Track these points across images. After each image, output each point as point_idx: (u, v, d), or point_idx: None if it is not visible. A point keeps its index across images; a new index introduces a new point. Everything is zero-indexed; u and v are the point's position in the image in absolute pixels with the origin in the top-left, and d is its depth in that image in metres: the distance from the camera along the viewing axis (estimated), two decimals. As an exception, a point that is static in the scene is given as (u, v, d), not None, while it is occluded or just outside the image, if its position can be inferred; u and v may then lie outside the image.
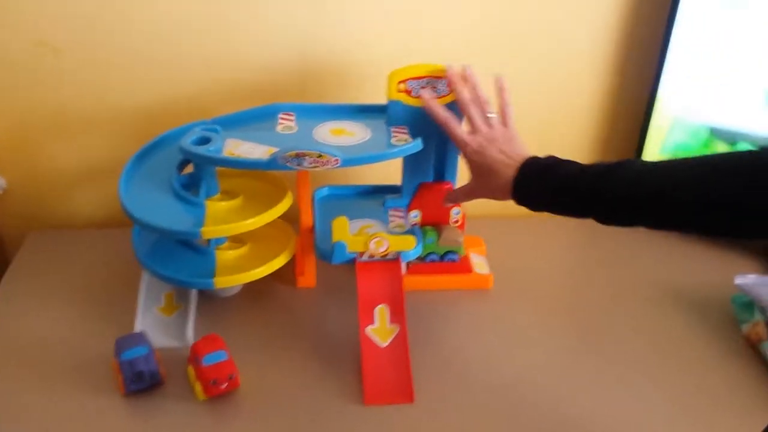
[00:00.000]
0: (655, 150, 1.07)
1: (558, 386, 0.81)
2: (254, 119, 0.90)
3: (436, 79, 0.86)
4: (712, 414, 0.78)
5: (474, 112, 0.81)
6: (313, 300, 0.94)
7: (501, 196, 0.75)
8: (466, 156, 0.79)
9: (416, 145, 0.85)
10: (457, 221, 0.95)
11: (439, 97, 0.86)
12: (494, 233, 1.06)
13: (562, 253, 1.11)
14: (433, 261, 0.96)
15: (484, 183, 0.77)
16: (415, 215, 0.94)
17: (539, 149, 0.76)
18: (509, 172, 0.73)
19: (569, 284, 1.02)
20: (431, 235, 0.94)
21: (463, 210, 0.94)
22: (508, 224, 1.12)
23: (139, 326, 0.86)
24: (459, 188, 0.85)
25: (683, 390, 0.81)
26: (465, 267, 0.97)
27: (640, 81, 1.09)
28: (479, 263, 1.02)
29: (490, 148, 0.76)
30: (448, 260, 0.96)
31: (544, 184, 0.71)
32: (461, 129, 0.81)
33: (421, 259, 0.96)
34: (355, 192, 1.01)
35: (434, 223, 0.95)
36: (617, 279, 1.02)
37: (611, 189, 0.65)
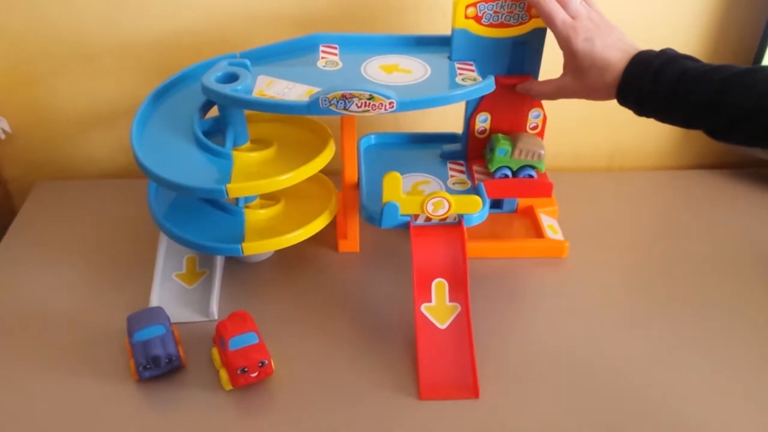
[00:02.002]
0: None
1: (650, 377, 0.71)
2: (291, 53, 0.80)
3: (514, 1, 0.73)
4: None
5: None
6: (357, 268, 0.85)
7: (601, 95, 0.69)
8: (572, 47, 0.69)
9: (488, 84, 0.73)
10: (536, 126, 0.82)
11: (518, 24, 0.74)
12: (566, 191, 0.94)
13: (649, 213, 0.98)
14: (505, 177, 0.81)
15: (584, 78, 0.69)
16: (483, 119, 0.81)
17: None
18: (619, 65, 0.66)
19: (660, 250, 0.89)
20: (504, 145, 0.79)
21: (545, 114, 0.81)
22: (583, 179, 1.01)
23: (155, 297, 0.77)
24: (545, 81, 0.75)
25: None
26: (543, 189, 0.81)
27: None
28: (551, 226, 0.89)
29: (599, 36, 0.68)
30: (525, 176, 0.81)
31: (661, 80, 0.64)
32: (564, 14, 0.70)
33: (489, 174, 0.82)
34: (407, 140, 0.90)
35: (507, 130, 0.82)
36: (717, 244, 0.89)
37: (746, 92, 0.59)
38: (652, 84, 0.64)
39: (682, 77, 0.63)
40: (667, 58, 0.64)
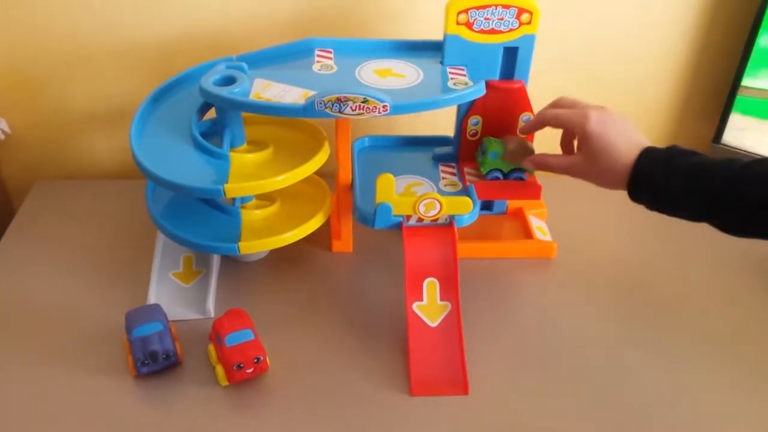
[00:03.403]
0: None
1: (638, 376, 0.72)
2: (287, 56, 0.81)
3: (504, 8, 0.73)
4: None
5: (574, 100, 0.73)
6: (350, 267, 0.86)
7: (611, 182, 0.67)
8: (586, 128, 0.68)
9: (479, 89, 0.74)
10: None
11: (508, 31, 0.75)
12: (556, 194, 0.94)
13: (637, 215, 0.97)
14: (496, 179, 0.82)
15: (596, 162, 0.68)
16: (475, 122, 0.82)
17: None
18: (630, 156, 0.65)
19: (648, 251, 0.90)
20: (495, 148, 0.80)
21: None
22: (571, 181, 0.98)
23: (153, 295, 0.78)
24: (559, 156, 0.74)
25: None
26: (533, 191, 0.82)
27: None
28: (540, 228, 0.90)
29: (611, 122, 0.67)
30: (515, 178, 0.82)
31: (674, 171, 0.63)
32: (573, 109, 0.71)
33: (481, 177, 0.83)
34: (400, 143, 0.91)
35: (498, 133, 0.82)
36: (707, 246, 0.90)
37: (761, 181, 0.58)
38: (664, 176, 0.63)
39: (695, 168, 0.62)
40: (677, 152, 0.64)
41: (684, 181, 0.62)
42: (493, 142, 0.80)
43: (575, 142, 0.71)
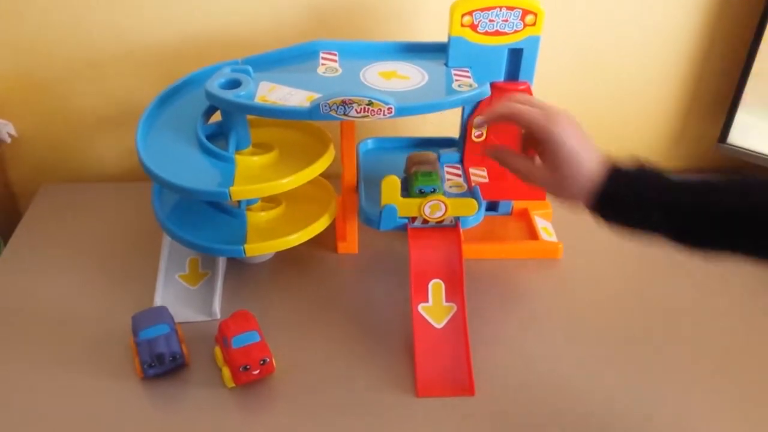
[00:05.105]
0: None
1: (642, 375, 0.71)
2: (292, 59, 0.81)
3: (509, 10, 0.73)
4: None
5: (530, 99, 0.66)
6: (355, 269, 0.86)
7: (572, 193, 0.61)
8: (555, 136, 0.60)
9: (483, 91, 0.74)
10: None
11: (513, 32, 0.75)
12: None
13: None
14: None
15: (559, 170, 0.61)
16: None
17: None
18: (592, 166, 0.60)
19: (653, 251, 0.88)
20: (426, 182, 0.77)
21: None
22: None
23: (159, 297, 0.78)
24: (519, 156, 0.66)
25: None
26: (538, 192, 0.76)
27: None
28: (545, 228, 0.90)
29: (578, 131, 0.61)
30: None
31: (642, 182, 0.59)
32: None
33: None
34: (404, 145, 0.91)
35: (503, 135, 0.79)
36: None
37: (730, 192, 0.56)
38: (628, 194, 0.59)
39: (661, 181, 0.59)
40: (642, 162, 0.61)
41: (654, 192, 0.58)
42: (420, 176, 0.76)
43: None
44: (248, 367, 0.66)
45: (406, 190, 0.76)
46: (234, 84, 0.74)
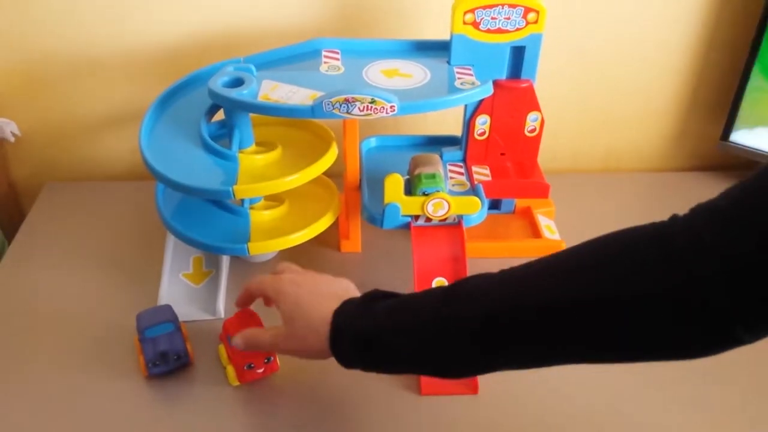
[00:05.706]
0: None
1: (644, 373, 0.71)
2: (294, 58, 0.81)
3: (511, 8, 0.73)
4: None
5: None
6: (358, 267, 0.86)
7: (314, 346, 0.59)
8: (280, 292, 0.62)
9: (486, 89, 0.74)
10: (534, 129, 0.82)
11: (515, 30, 0.75)
12: (564, 192, 0.94)
13: (644, 213, 0.96)
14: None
15: (293, 325, 0.60)
16: (483, 122, 0.82)
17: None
18: (329, 309, 0.58)
19: None
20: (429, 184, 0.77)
21: (543, 117, 0.81)
22: (579, 180, 1.02)
23: (163, 295, 0.78)
24: (262, 331, 0.64)
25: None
26: (541, 190, 0.81)
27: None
28: (548, 227, 0.90)
29: (305, 282, 0.62)
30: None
31: (376, 308, 0.57)
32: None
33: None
34: (407, 143, 0.91)
35: (506, 133, 0.82)
36: None
37: (465, 308, 0.53)
38: (366, 315, 0.56)
39: (396, 303, 0.57)
40: (374, 296, 0.59)
41: (389, 317, 0.55)
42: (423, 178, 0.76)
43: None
44: (252, 365, 0.67)
45: (410, 192, 0.76)
46: (237, 82, 0.74)
